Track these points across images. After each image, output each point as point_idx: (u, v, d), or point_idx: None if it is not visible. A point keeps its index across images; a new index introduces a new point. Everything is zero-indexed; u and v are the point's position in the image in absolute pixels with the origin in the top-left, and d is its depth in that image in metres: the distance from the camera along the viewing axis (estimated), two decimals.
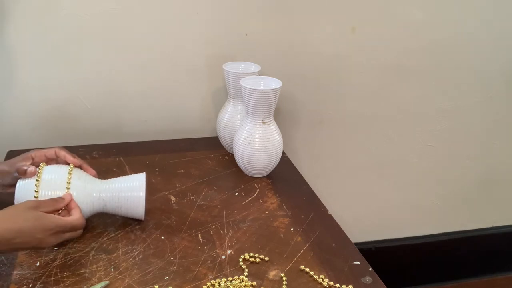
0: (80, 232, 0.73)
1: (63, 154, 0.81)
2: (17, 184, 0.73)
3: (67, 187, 0.73)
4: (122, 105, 1.10)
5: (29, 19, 0.97)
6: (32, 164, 0.78)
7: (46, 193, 0.72)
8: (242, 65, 1.03)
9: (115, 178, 0.79)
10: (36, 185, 0.72)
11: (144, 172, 0.79)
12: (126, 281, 0.68)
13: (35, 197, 0.72)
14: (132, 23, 1.03)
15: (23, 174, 0.74)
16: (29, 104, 1.04)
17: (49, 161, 0.82)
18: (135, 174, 0.79)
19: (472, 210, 1.53)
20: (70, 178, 0.74)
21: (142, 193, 0.76)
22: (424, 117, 1.32)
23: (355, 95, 1.23)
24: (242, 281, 0.69)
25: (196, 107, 1.15)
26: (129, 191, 0.76)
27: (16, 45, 0.99)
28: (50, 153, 0.81)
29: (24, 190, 0.73)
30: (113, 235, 0.77)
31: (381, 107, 1.27)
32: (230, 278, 0.69)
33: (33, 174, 0.74)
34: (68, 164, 0.79)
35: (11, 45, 0.99)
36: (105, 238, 0.76)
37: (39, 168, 0.74)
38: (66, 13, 0.98)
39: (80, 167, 0.81)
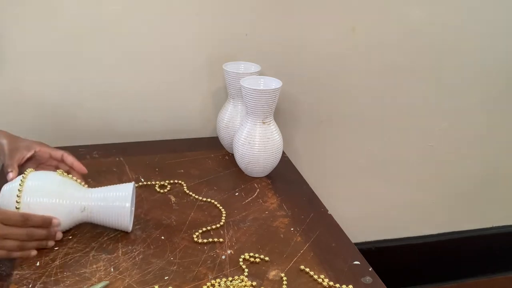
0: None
1: (71, 161, 0.82)
2: (2, 189, 0.72)
3: (51, 195, 0.72)
4: (122, 105, 1.10)
5: (29, 19, 0.97)
6: (33, 155, 0.80)
7: (28, 200, 0.70)
8: (242, 65, 1.03)
9: (103, 187, 0.77)
10: (19, 190, 0.70)
11: (133, 182, 0.78)
12: (126, 281, 0.68)
13: (17, 201, 0.70)
14: (132, 23, 1.03)
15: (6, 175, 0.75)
16: (29, 104, 1.04)
17: (50, 160, 0.82)
18: (124, 184, 0.77)
19: (472, 210, 1.53)
20: (55, 186, 0.73)
21: (128, 204, 0.74)
22: (424, 117, 1.32)
23: (355, 95, 1.23)
24: (242, 281, 0.69)
25: (196, 107, 1.15)
26: (113, 201, 0.74)
27: (15, 46, 0.99)
28: (56, 154, 0.82)
29: (8, 195, 0.71)
30: (113, 235, 0.77)
31: (381, 107, 1.27)
32: (230, 278, 0.69)
33: (11, 179, 0.74)
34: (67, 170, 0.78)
35: (11, 45, 0.99)
36: (105, 238, 0.76)
37: (24, 174, 0.72)
38: (66, 13, 0.98)
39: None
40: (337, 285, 0.70)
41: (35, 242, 0.70)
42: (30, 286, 0.66)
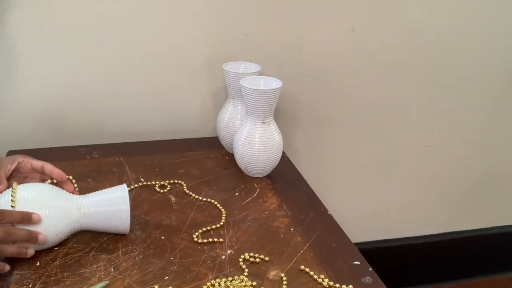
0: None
1: (50, 169, 0.77)
2: None
3: (45, 204, 0.70)
4: (122, 105, 1.10)
5: (30, 20, 0.97)
6: (17, 168, 0.77)
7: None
8: (242, 65, 1.03)
9: (95, 192, 0.75)
10: (12, 200, 0.68)
11: (125, 184, 0.76)
12: (126, 281, 0.68)
13: None
14: (132, 23, 1.03)
15: None
16: (30, 104, 1.04)
17: (33, 173, 0.79)
18: (117, 186, 0.76)
19: (472, 210, 1.53)
20: (46, 195, 0.71)
21: (126, 206, 0.73)
22: (424, 117, 1.32)
23: (355, 95, 1.23)
24: (242, 281, 0.69)
25: (196, 107, 1.15)
26: (110, 205, 0.73)
27: (16, 46, 0.99)
28: (37, 165, 0.78)
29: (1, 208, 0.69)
30: (113, 235, 0.77)
31: (381, 107, 1.27)
32: (230, 278, 0.69)
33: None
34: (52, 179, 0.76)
35: (12, 45, 0.99)
36: (105, 238, 0.76)
37: (12, 188, 0.70)
38: (66, 13, 0.98)
39: (62, 183, 0.77)
40: (337, 285, 0.70)
41: (14, 247, 0.67)
42: (30, 286, 0.66)
